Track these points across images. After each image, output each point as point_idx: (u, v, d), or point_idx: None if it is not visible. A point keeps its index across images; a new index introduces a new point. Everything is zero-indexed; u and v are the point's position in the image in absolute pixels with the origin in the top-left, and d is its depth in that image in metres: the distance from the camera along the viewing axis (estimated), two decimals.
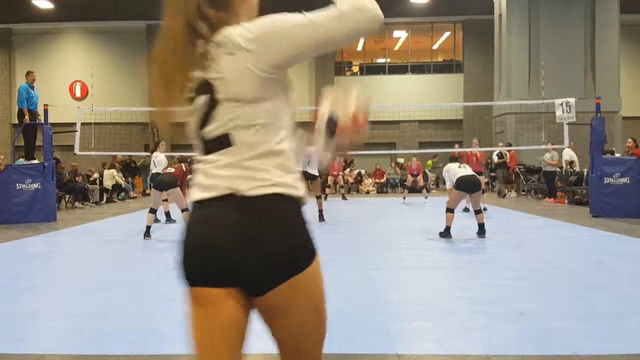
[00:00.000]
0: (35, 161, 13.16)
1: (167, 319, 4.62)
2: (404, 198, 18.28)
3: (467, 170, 9.46)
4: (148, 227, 9.63)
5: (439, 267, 6.92)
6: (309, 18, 1.52)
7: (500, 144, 19.93)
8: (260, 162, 1.57)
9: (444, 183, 10.50)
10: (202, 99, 1.60)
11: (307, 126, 1.79)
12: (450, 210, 9.30)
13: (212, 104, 1.58)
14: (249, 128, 1.57)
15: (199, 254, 1.57)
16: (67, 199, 16.99)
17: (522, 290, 5.58)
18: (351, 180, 24.47)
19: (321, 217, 11.85)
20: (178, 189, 9.90)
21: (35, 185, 12.48)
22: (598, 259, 7.44)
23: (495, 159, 19.46)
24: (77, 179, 18.01)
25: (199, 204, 1.60)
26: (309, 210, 4.53)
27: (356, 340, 4.03)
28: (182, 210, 9.83)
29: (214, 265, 1.56)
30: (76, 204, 17.05)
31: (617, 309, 4.84)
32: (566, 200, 16.83)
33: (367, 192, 23.86)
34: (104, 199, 18.93)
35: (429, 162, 25.10)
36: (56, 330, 4.35)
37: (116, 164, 20.69)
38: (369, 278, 6.19)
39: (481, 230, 9.28)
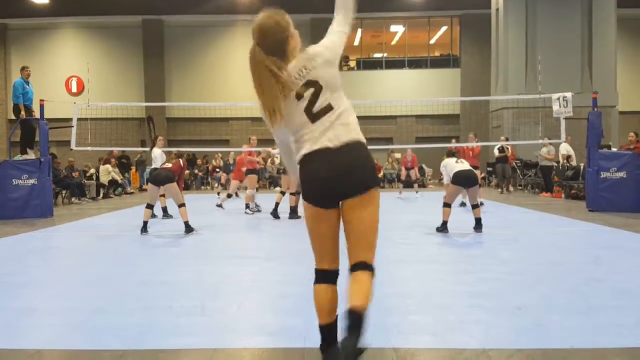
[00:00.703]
0: (31, 156, 13.11)
1: (164, 313, 4.62)
2: (400, 193, 18.28)
3: (464, 165, 9.47)
4: (145, 223, 9.62)
5: (435, 262, 6.93)
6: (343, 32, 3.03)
7: (502, 137, 19.75)
8: (341, 127, 2.89)
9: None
10: (311, 91, 2.88)
11: None
12: (447, 205, 9.33)
13: (319, 90, 2.87)
14: (337, 105, 2.92)
15: (322, 185, 2.90)
16: (63, 194, 16.97)
17: (519, 284, 5.59)
18: None
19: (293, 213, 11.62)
20: (175, 184, 9.86)
21: (32, 181, 12.44)
22: (594, 253, 7.46)
23: (496, 152, 19.21)
24: (73, 174, 17.98)
25: (313, 152, 2.87)
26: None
27: None
28: (179, 206, 9.81)
29: (322, 190, 2.90)
30: (73, 199, 17.03)
31: (614, 302, 4.86)
32: (563, 195, 16.87)
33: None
34: (101, 195, 18.89)
35: (444, 157, 25.01)
36: (52, 326, 4.35)
37: (112, 160, 20.62)
38: None
39: (478, 225, 9.27)
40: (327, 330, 3.06)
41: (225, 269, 6.56)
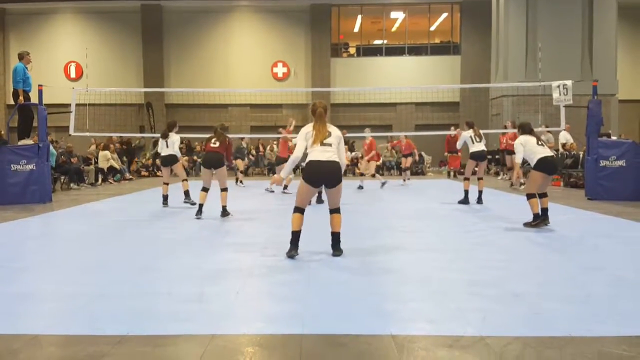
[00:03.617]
0: (30, 141, 13.07)
1: (162, 299, 4.62)
2: (404, 180, 18.16)
3: (546, 150, 8.54)
4: (200, 205, 9.80)
5: (433, 249, 6.93)
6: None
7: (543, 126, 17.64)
8: (336, 154, 6.29)
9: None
10: (328, 134, 6.35)
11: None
12: (532, 195, 8.47)
13: (330, 135, 6.32)
14: (335, 147, 6.34)
15: (314, 175, 6.29)
16: (62, 180, 16.94)
17: (517, 272, 5.60)
18: (347, 162, 24.45)
19: None
20: (224, 167, 10.02)
21: (30, 166, 12.40)
22: (593, 242, 7.47)
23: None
24: (72, 160, 17.94)
25: (317, 161, 6.22)
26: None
27: (351, 321, 4.05)
28: (222, 190, 9.97)
29: (320, 180, 6.31)
30: (71, 185, 17.01)
31: (611, 290, 4.87)
32: (562, 183, 16.86)
33: (362, 175, 23.75)
34: (99, 180, 18.87)
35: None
36: (51, 311, 4.36)
37: (111, 146, 20.55)
38: (365, 260, 6.20)
39: (545, 215, 8.48)
40: (295, 234, 6.25)
41: (224, 256, 6.56)
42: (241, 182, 17.99)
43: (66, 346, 3.65)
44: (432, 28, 29.59)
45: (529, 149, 8.56)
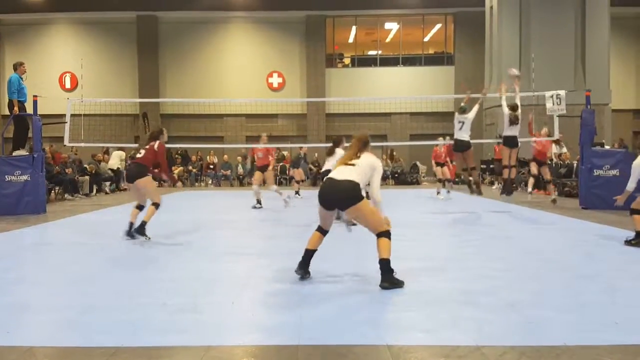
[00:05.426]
0: (24, 152, 13.04)
1: (157, 311, 4.60)
2: (441, 192, 16.14)
3: None
4: (130, 223, 8.75)
5: (429, 259, 6.93)
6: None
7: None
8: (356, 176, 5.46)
9: None
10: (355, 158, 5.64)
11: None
12: (637, 212, 7.57)
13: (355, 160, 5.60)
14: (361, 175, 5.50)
15: (323, 198, 5.52)
16: (56, 190, 16.88)
17: (512, 281, 5.61)
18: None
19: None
20: (146, 178, 8.67)
21: (25, 177, 12.36)
22: (587, 251, 7.49)
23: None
24: (66, 170, 17.88)
25: (331, 178, 5.49)
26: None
27: (346, 331, 4.04)
28: (152, 203, 8.81)
29: (329, 202, 5.53)
30: (66, 195, 16.94)
31: (606, 299, 4.88)
32: (556, 192, 16.87)
33: None
34: (94, 191, 18.83)
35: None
36: (45, 323, 4.33)
37: (106, 156, 20.75)
38: (360, 269, 6.20)
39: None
40: (307, 253, 5.63)
41: (218, 266, 6.55)
42: (298, 193, 16.67)
43: (61, 358, 3.64)
44: (426, 39, 29.74)
45: None
